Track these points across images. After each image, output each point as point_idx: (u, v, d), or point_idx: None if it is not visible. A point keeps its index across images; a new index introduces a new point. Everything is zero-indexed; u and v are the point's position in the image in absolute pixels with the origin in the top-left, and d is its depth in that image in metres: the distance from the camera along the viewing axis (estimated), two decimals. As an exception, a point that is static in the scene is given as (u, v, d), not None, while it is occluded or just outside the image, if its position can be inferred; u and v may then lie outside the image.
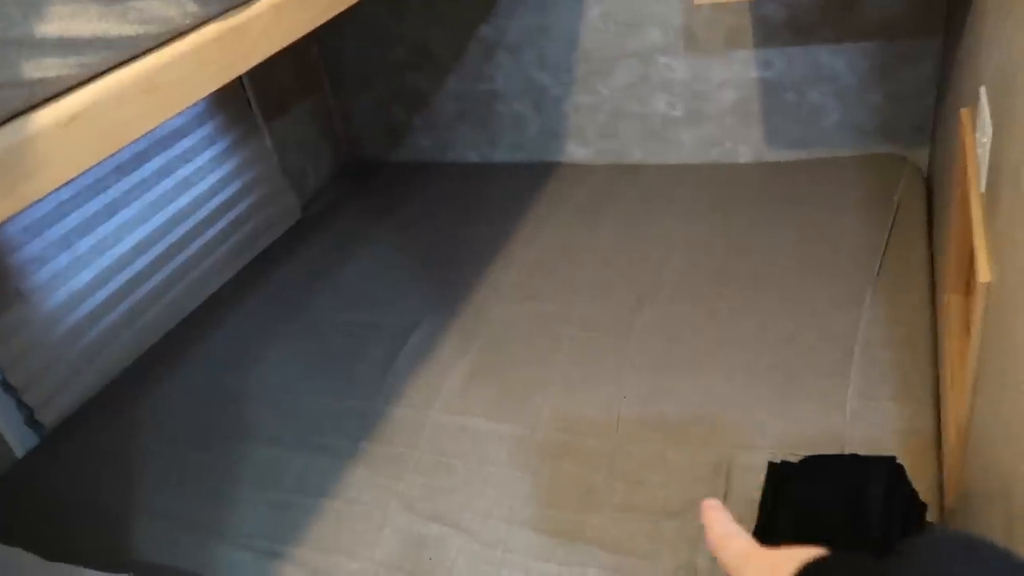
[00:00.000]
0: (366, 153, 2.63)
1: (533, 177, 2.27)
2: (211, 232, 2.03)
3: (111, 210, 1.76)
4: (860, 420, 1.30)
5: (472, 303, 1.78)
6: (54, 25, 0.72)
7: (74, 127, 0.73)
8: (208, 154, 2.03)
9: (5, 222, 0.65)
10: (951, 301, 1.33)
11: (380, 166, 2.56)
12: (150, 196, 1.86)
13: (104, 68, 0.78)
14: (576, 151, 2.35)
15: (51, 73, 0.72)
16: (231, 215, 2.09)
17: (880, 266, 1.63)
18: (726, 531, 0.55)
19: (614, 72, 2.18)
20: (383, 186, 2.44)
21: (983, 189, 1.02)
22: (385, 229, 2.16)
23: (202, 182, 2.01)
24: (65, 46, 0.73)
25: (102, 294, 1.74)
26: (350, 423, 1.50)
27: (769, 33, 1.98)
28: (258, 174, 2.19)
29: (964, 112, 1.24)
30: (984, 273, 0.93)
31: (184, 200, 1.95)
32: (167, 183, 1.91)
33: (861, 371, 1.40)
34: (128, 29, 0.80)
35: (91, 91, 0.75)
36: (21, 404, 1.58)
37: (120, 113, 0.77)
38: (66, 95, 0.74)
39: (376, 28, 2.35)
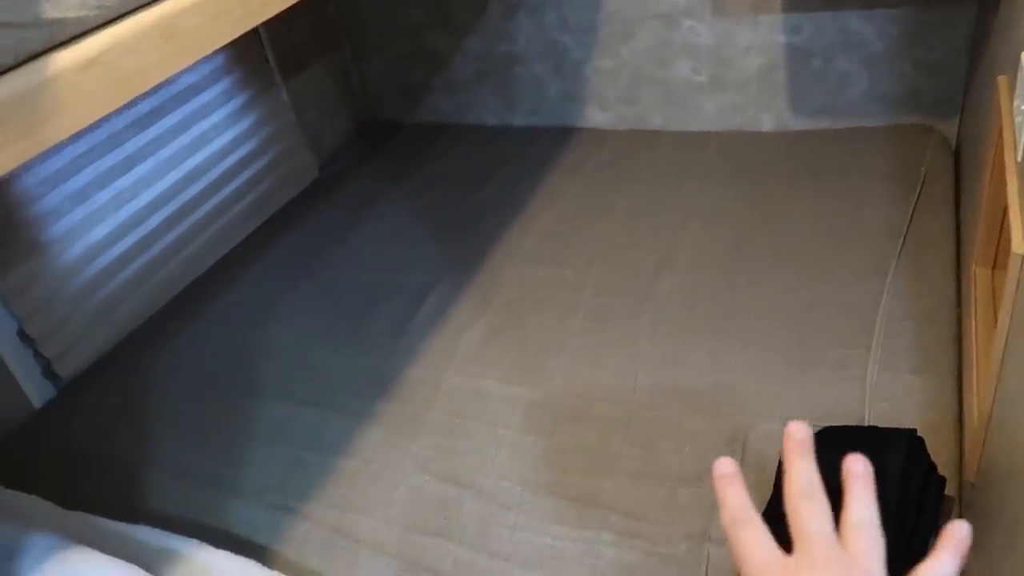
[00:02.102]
0: (383, 113, 2.60)
1: (552, 141, 2.25)
2: (228, 189, 2.02)
3: (128, 165, 1.75)
4: (880, 392, 1.29)
5: (488, 267, 1.76)
6: (73, -36, 0.70)
7: (92, 70, 0.72)
8: (225, 111, 2.01)
9: (22, 166, 0.64)
10: (979, 275, 1.31)
11: (397, 126, 2.53)
12: (166, 152, 1.85)
13: (123, 11, 0.76)
14: (596, 116, 2.31)
15: (70, 14, 0.70)
16: (247, 172, 2.07)
17: (904, 238, 1.61)
18: (743, 516, 0.50)
19: (637, 35, 2.14)
20: (400, 147, 2.41)
21: (1020, 158, 0.99)
22: (402, 190, 2.15)
23: (219, 139, 1.99)
24: (84, -14, 0.71)
25: (119, 248, 1.74)
26: (365, 382, 1.49)
27: (799, -3, 1.93)
28: (275, 132, 2.17)
29: (1001, 79, 1.21)
30: (1019, 244, 0.91)
31: (201, 156, 1.94)
32: (184, 139, 1.90)
33: (882, 343, 1.38)
34: (148, -29, 0.78)
35: (110, 34, 0.74)
36: (38, 356, 1.59)
37: (138, 58, 0.76)
38: (85, 37, 0.72)
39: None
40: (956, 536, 0.48)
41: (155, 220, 1.83)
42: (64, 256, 1.63)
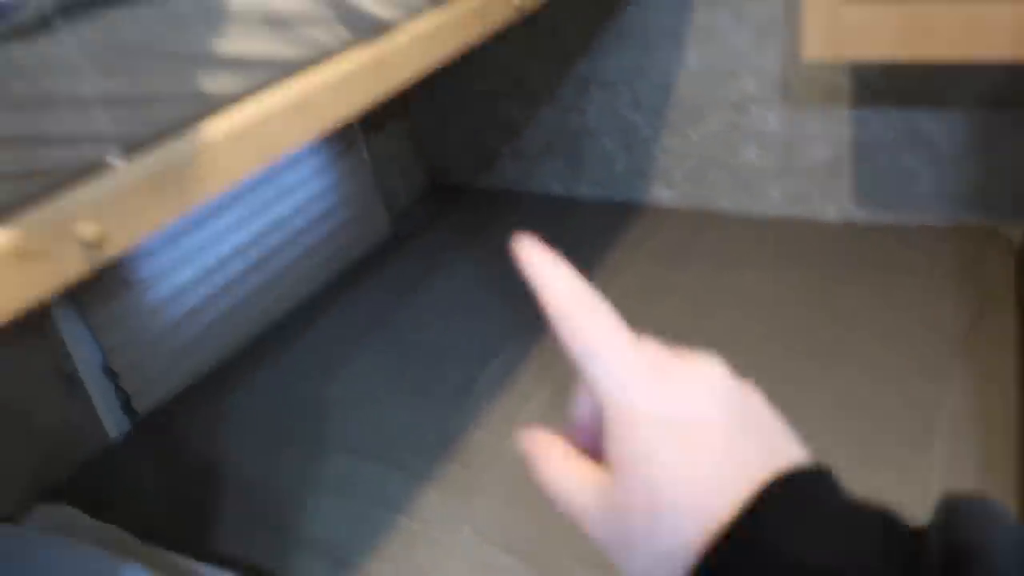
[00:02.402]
0: (453, 175, 2.69)
1: (616, 216, 2.29)
2: (306, 241, 2.09)
3: (216, 212, 1.84)
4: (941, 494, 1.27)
5: (551, 336, 1.79)
6: (231, 45, 0.77)
7: (236, 139, 0.78)
8: (309, 166, 2.11)
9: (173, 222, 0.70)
10: (1048, 381, 1.30)
11: (465, 189, 2.61)
12: (253, 200, 1.94)
13: (266, 86, 0.83)
14: (661, 194, 2.36)
15: (224, 89, 0.77)
16: (325, 226, 2.15)
17: (966, 339, 1.60)
18: (583, 299, 0.32)
19: (706, 118, 2.19)
20: (468, 210, 2.49)
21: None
22: (469, 253, 2.20)
23: (301, 191, 2.08)
24: (237, 64, 0.78)
25: (201, 291, 1.82)
26: (428, 442, 1.52)
27: (869, 93, 1.98)
28: (354, 188, 2.26)
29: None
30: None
31: (283, 208, 2.03)
32: (268, 190, 1.98)
33: (944, 444, 1.37)
34: (290, 51, 0.85)
35: (255, 107, 0.80)
36: (119, 390, 1.65)
37: (277, 128, 0.82)
38: (233, 109, 0.79)
39: (473, 54, 2.40)
40: None
41: (237, 266, 1.90)
42: (151, 296, 1.71)
